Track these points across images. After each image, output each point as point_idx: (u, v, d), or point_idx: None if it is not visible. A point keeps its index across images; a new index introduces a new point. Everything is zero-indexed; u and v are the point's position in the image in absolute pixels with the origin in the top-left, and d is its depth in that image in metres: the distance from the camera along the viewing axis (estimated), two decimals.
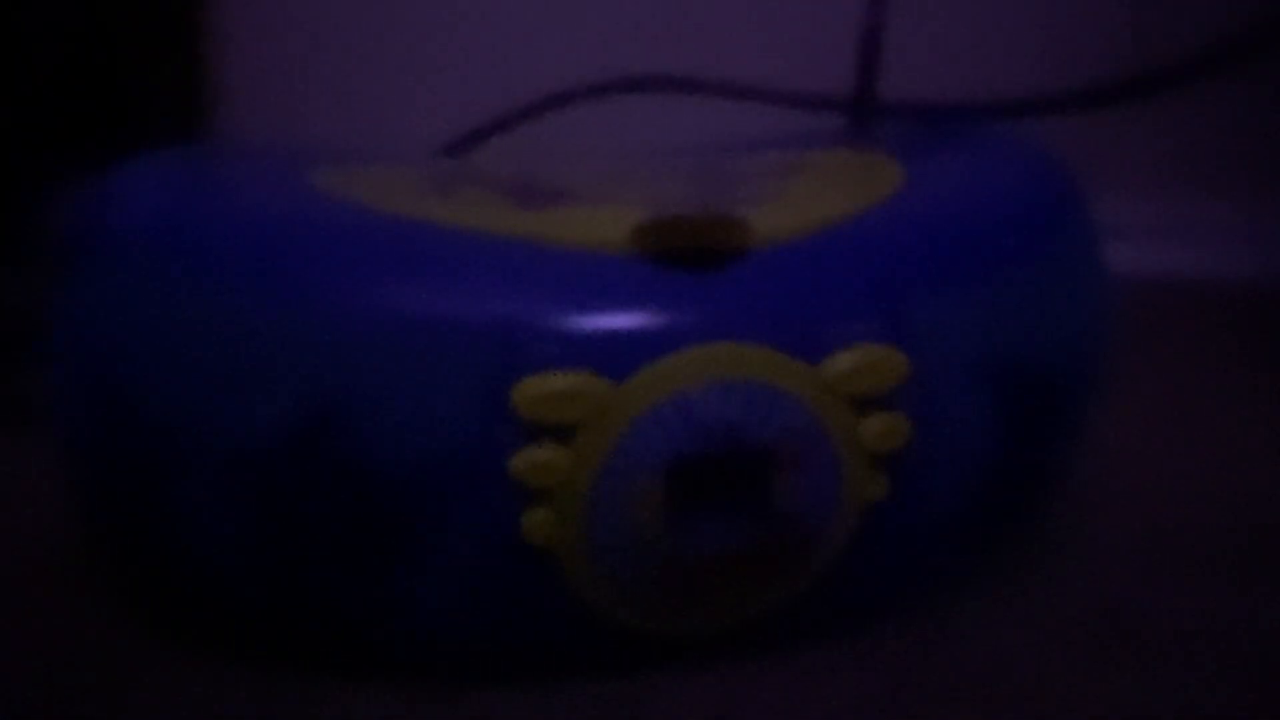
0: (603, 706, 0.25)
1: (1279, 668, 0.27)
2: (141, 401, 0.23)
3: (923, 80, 0.70)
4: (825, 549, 0.25)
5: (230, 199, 0.25)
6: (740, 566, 0.24)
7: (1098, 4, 0.70)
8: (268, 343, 0.23)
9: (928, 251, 0.25)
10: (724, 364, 0.23)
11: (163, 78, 0.69)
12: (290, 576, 0.24)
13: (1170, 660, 0.27)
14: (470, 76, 0.74)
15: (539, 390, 0.22)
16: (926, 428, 0.25)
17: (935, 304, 0.25)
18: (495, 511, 0.23)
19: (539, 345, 0.22)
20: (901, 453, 0.25)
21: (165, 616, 0.28)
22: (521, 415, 0.22)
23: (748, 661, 0.27)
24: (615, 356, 0.23)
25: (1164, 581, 0.31)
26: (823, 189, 0.28)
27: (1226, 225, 0.72)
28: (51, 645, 0.27)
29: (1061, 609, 0.29)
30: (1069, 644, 0.28)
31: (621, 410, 0.23)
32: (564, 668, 0.26)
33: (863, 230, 0.25)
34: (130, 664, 0.26)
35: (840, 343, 0.24)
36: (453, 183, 0.28)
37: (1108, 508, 0.35)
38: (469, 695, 0.25)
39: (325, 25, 0.75)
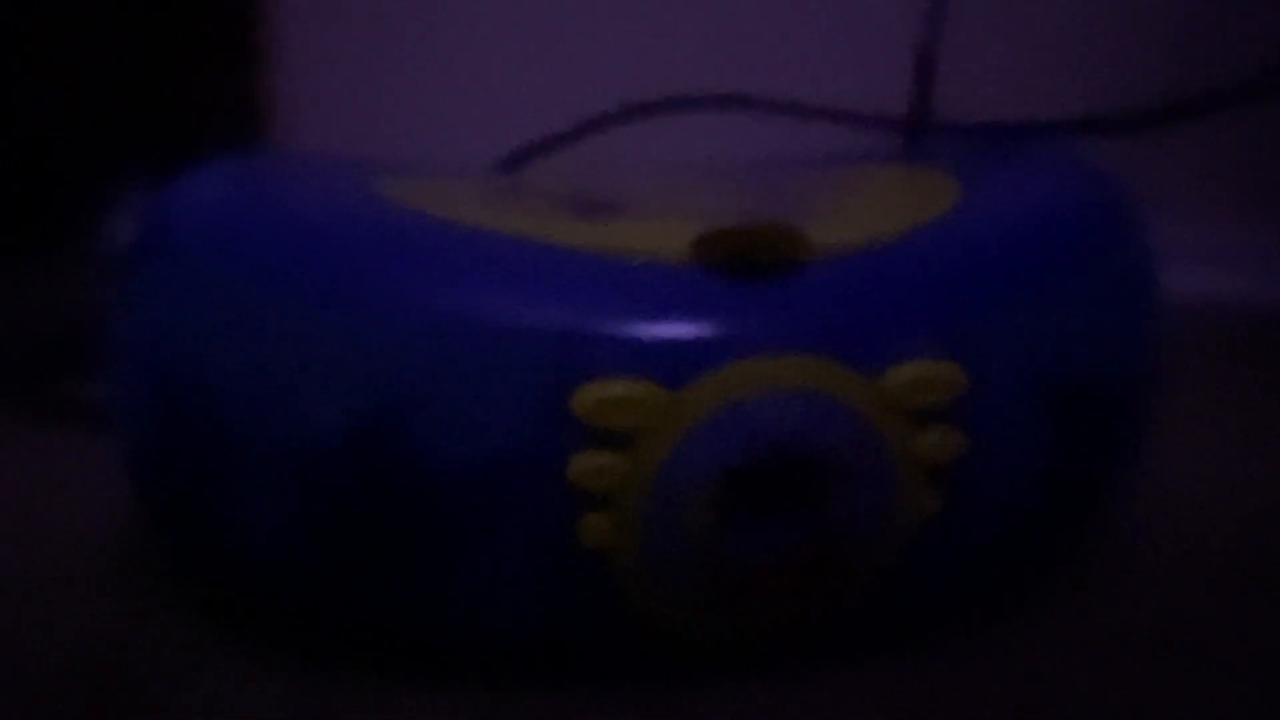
0: (649, 712, 0.25)
1: None
2: (203, 401, 0.24)
3: (978, 99, 0.70)
4: (877, 561, 0.25)
5: (294, 204, 0.25)
6: (792, 576, 0.24)
7: (1152, 25, 0.70)
8: (330, 345, 0.23)
9: (984, 267, 0.25)
10: (781, 374, 0.23)
11: (220, 92, 0.70)
12: (346, 575, 0.24)
13: (1218, 678, 0.27)
14: (528, 92, 0.74)
15: (599, 396, 0.23)
16: (980, 442, 0.25)
17: (991, 319, 0.25)
18: (552, 515, 0.23)
19: (599, 352, 0.23)
20: (955, 466, 0.25)
21: (221, 612, 0.29)
22: (581, 420, 0.23)
23: (795, 673, 0.27)
24: (673, 365, 0.23)
25: (1211, 600, 0.31)
26: (879, 204, 0.28)
27: (1274, 249, 0.71)
28: (108, 639, 0.28)
29: (1111, 626, 0.29)
30: (1119, 661, 0.27)
31: (679, 418, 0.23)
32: (613, 672, 0.26)
33: (920, 245, 0.25)
34: (185, 658, 0.27)
35: (898, 356, 0.24)
36: (514, 194, 0.28)
37: (1158, 526, 0.35)
38: (519, 696, 0.26)
39: (381, 41, 0.75)
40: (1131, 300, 0.28)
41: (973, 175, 0.30)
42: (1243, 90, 0.28)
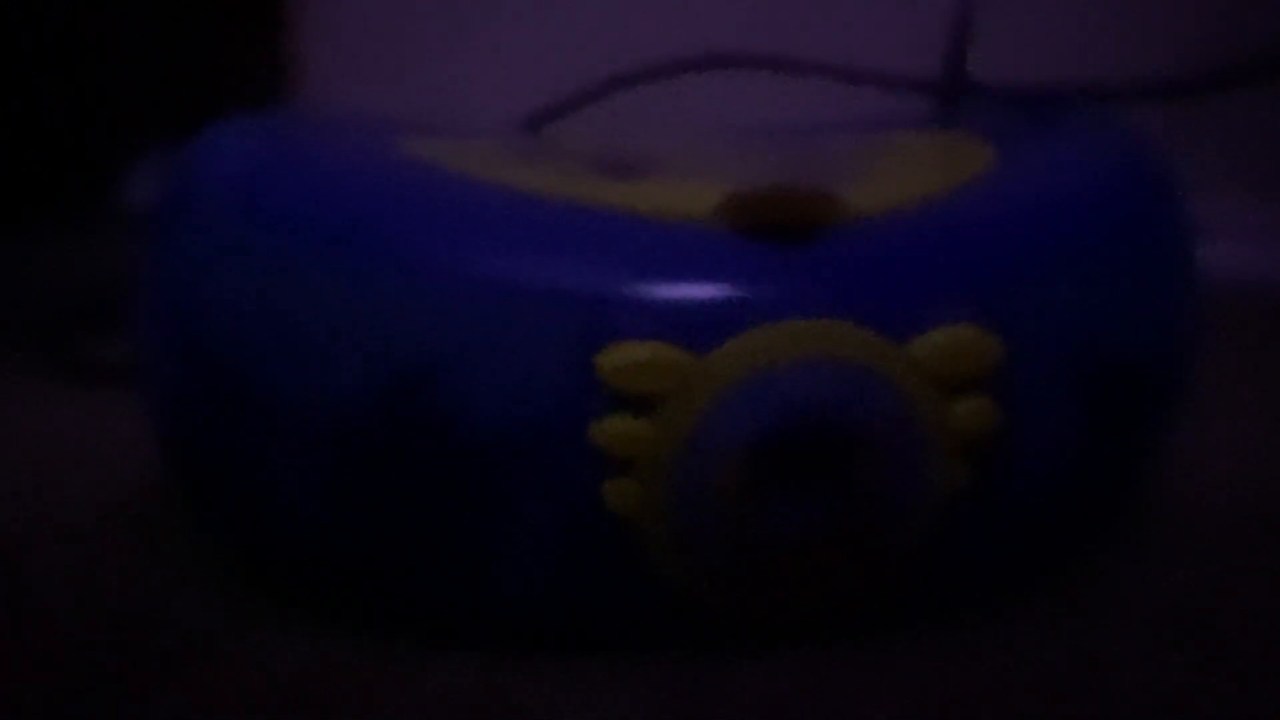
0: (672, 680, 0.25)
1: None
2: (232, 360, 0.24)
3: (1014, 63, 0.69)
4: (907, 535, 0.25)
5: (321, 162, 0.25)
6: (820, 549, 0.24)
7: None
8: (358, 304, 0.23)
9: (1019, 233, 0.25)
10: (810, 340, 0.23)
11: (244, 50, 0.69)
12: (373, 537, 0.24)
13: (1253, 656, 0.27)
14: (553, 51, 0.74)
15: (622, 359, 0.22)
16: (1012, 415, 0.25)
17: (1025, 286, 0.24)
18: (577, 479, 0.23)
19: (624, 314, 0.22)
20: (988, 439, 0.25)
21: (250, 575, 0.29)
22: (605, 384, 0.22)
23: (823, 648, 0.26)
24: (700, 328, 0.22)
25: (1246, 578, 0.30)
26: (913, 168, 0.27)
27: None
28: (137, 604, 0.28)
29: (1144, 605, 0.29)
30: (1150, 641, 0.27)
31: (706, 383, 0.22)
32: (638, 640, 0.26)
33: (953, 210, 0.25)
34: (213, 619, 0.27)
35: (930, 322, 0.23)
36: (540, 154, 0.28)
37: (1192, 504, 0.35)
38: (544, 662, 0.25)
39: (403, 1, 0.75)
40: (1169, 273, 0.27)
41: (1008, 141, 0.29)
42: None
